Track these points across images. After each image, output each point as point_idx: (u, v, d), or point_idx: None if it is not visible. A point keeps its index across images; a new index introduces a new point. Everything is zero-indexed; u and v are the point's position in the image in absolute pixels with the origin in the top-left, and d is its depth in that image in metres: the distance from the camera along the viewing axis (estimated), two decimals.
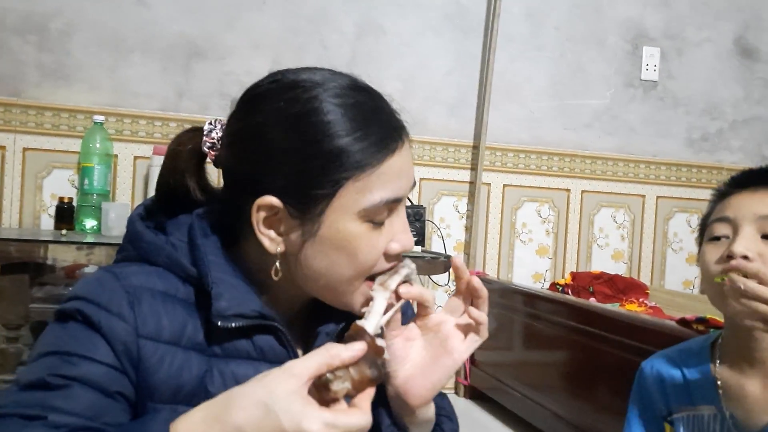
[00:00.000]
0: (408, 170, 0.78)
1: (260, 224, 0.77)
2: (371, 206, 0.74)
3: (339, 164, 0.73)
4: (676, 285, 3.29)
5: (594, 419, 2.06)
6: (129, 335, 0.72)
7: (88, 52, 2.61)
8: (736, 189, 1.01)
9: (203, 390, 0.74)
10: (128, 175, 2.66)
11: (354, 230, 0.75)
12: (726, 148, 3.33)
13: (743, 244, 0.94)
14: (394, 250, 0.78)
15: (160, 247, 0.78)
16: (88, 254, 2.19)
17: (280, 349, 0.78)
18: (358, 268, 0.76)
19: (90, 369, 0.70)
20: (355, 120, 0.74)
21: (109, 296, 0.73)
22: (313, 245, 0.76)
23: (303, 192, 0.74)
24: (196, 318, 0.76)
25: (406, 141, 0.78)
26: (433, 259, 2.36)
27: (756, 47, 3.33)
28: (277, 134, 0.75)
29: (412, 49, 2.93)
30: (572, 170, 3.15)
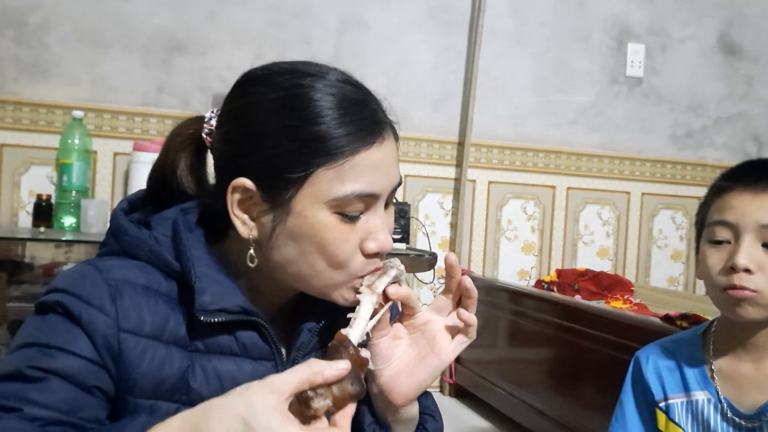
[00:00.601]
0: (388, 168, 0.76)
1: (234, 206, 0.76)
2: (341, 197, 0.73)
3: (312, 150, 0.72)
4: (661, 282, 3.29)
5: (579, 416, 2.05)
6: (110, 328, 0.71)
7: (66, 46, 2.57)
8: (736, 185, 1.00)
9: (185, 385, 0.74)
10: (108, 171, 2.62)
11: (322, 219, 0.73)
12: (710, 145, 3.34)
13: (745, 256, 0.96)
14: (370, 249, 0.76)
15: (143, 241, 0.78)
16: (67, 252, 2.16)
17: (263, 345, 0.78)
18: (329, 261, 0.75)
19: (68, 362, 0.70)
20: (335, 109, 0.73)
21: (91, 289, 0.72)
22: (283, 232, 0.75)
23: (275, 175, 0.74)
24: (178, 313, 0.76)
25: (388, 139, 0.76)
26: (417, 257, 2.34)
27: (739, 44, 3.34)
28: (258, 116, 0.75)
29: (396, 44, 2.91)
30: (557, 167, 3.15)
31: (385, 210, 0.78)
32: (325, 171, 0.72)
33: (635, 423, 1.09)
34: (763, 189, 0.97)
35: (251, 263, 0.77)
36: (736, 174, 1.03)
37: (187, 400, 0.74)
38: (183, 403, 0.74)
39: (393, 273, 0.78)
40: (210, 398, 0.73)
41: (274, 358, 0.78)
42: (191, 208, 0.83)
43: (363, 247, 0.75)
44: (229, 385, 0.74)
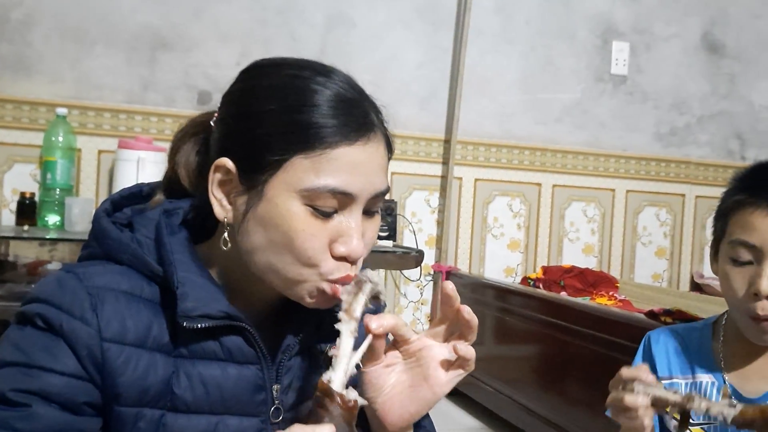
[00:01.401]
0: (369, 171, 0.74)
1: (214, 185, 0.76)
2: (313, 188, 0.72)
3: (292, 136, 0.72)
4: (646, 278, 3.32)
5: (564, 411, 2.07)
6: (92, 339, 0.70)
7: (49, 43, 2.54)
8: (760, 203, 0.98)
9: (169, 392, 0.73)
10: (92, 169, 2.60)
11: (291, 209, 0.72)
12: (694, 143, 3.37)
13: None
14: (338, 252, 0.74)
15: (125, 245, 0.76)
16: (51, 250, 2.14)
17: (248, 350, 0.76)
18: (296, 254, 0.73)
19: (52, 382, 0.69)
20: (325, 101, 0.73)
21: (71, 299, 0.71)
22: (254, 217, 0.74)
23: (254, 158, 0.74)
24: (161, 318, 0.74)
25: (375, 143, 0.75)
26: (404, 254, 2.35)
27: (722, 43, 3.37)
28: (250, 99, 0.76)
29: (383, 42, 2.91)
30: (543, 164, 3.16)
31: (368, 218, 0.77)
32: (302, 159, 0.72)
33: None
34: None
35: (224, 246, 0.76)
36: (758, 187, 1.01)
37: (172, 407, 0.73)
38: (168, 410, 0.73)
39: (368, 288, 0.74)
40: (194, 403, 0.74)
41: (260, 362, 0.77)
42: (175, 209, 0.81)
43: (332, 249, 0.74)
44: (213, 390, 0.74)
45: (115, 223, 0.79)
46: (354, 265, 0.76)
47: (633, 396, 0.91)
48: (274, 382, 0.79)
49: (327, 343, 0.84)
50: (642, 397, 0.90)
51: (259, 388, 0.77)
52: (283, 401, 0.79)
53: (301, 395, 0.81)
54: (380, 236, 2.48)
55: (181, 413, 0.74)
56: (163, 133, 2.65)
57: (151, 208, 0.81)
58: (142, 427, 0.72)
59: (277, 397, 0.79)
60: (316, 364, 0.83)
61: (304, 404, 0.82)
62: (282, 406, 0.79)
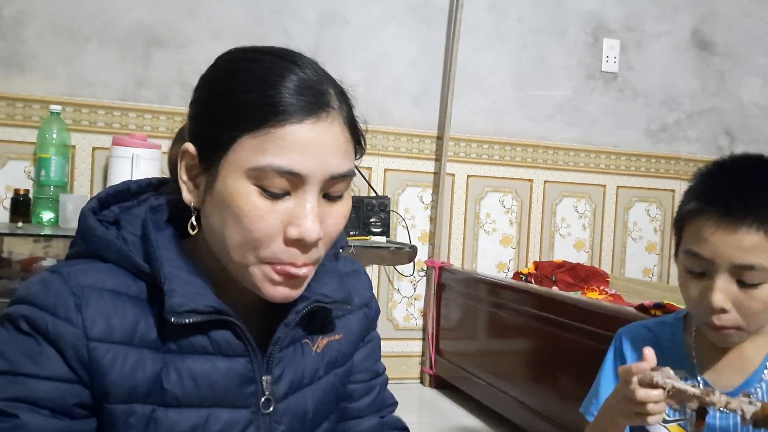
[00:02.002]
0: (321, 151, 0.72)
1: (182, 170, 0.77)
2: (258, 167, 0.71)
3: (240, 116, 0.72)
4: (636, 273, 3.35)
5: (557, 405, 2.09)
6: (78, 339, 0.70)
7: (42, 40, 2.54)
8: (710, 214, 0.97)
9: (159, 388, 0.73)
10: (87, 166, 2.60)
11: (240, 189, 0.72)
12: (684, 139, 3.40)
13: (720, 297, 0.96)
14: (290, 234, 0.72)
15: (111, 243, 0.76)
16: (46, 247, 2.14)
17: (237, 343, 0.77)
18: (244, 235, 0.72)
19: (39, 388, 0.69)
20: (273, 81, 0.73)
21: (55, 299, 0.71)
22: (211, 199, 0.75)
23: (209, 140, 0.74)
24: (148, 315, 0.74)
25: (328, 122, 0.73)
26: (398, 249, 2.36)
27: (712, 40, 3.40)
28: (208, 83, 0.77)
29: (376, 39, 2.93)
30: (535, 161, 3.18)
31: (329, 203, 0.76)
32: (249, 139, 0.71)
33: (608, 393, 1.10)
34: (737, 225, 0.95)
35: (192, 231, 0.77)
36: (710, 197, 0.99)
37: (162, 402, 0.74)
38: (158, 405, 0.74)
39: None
40: (185, 397, 0.74)
41: (249, 355, 0.78)
42: (161, 205, 0.82)
43: (285, 232, 0.73)
44: (203, 383, 0.75)
45: (102, 221, 0.79)
46: (308, 254, 0.74)
47: (645, 391, 0.90)
48: (264, 373, 0.79)
49: (317, 336, 0.86)
50: (656, 392, 0.90)
51: (249, 380, 0.78)
52: (274, 392, 0.80)
53: (292, 386, 0.82)
54: (373, 232, 2.50)
55: (171, 408, 0.74)
56: (157, 131, 2.65)
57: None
58: (133, 423, 0.73)
59: (268, 389, 0.79)
60: (306, 356, 0.84)
61: (295, 395, 0.82)
62: (273, 397, 0.80)
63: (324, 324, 0.87)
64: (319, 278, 0.83)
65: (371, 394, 0.96)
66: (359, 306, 0.93)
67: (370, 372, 0.96)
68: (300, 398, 0.83)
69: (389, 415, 0.99)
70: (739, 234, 0.94)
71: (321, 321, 0.87)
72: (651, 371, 0.91)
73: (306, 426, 0.84)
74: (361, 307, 0.93)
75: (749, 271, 0.95)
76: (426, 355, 3.00)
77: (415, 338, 3.04)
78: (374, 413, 0.96)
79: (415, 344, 3.04)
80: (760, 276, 0.95)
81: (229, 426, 0.77)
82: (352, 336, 0.91)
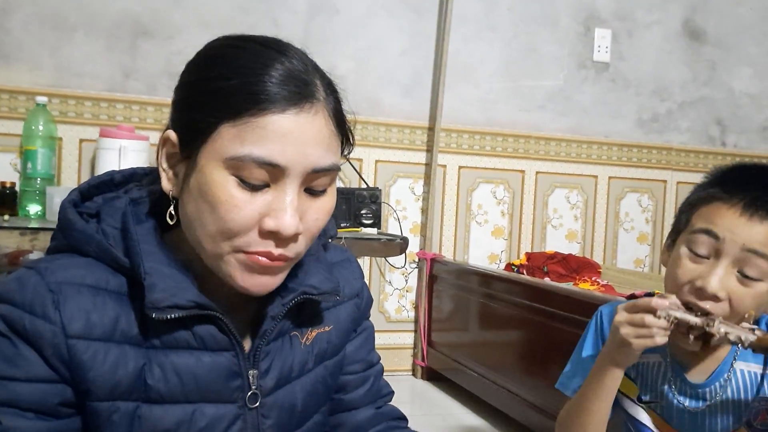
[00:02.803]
0: (302, 143, 0.70)
1: (162, 158, 0.76)
2: (237, 157, 0.69)
3: (219, 103, 0.70)
4: (628, 263, 3.36)
5: (549, 396, 2.09)
6: (57, 337, 0.69)
7: (28, 30, 2.51)
8: (733, 201, 0.97)
9: (142, 384, 0.72)
10: (74, 158, 2.57)
11: (217, 178, 0.70)
12: (675, 129, 3.40)
13: (718, 282, 0.95)
14: (266, 226, 0.71)
15: (90, 237, 0.75)
16: (32, 240, 2.11)
17: (221, 337, 0.75)
18: (219, 224, 0.70)
19: (20, 391, 0.68)
20: (256, 69, 0.71)
21: (32, 297, 0.69)
22: (188, 187, 0.73)
23: (189, 128, 0.73)
24: (129, 310, 0.73)
25: (311, 114, 0.71)
26: (389, 241, 2.35)
27: (703, 29, 3.40)
28: (189, 70, 0.76)
29: (366, 29, 2.90)
30: (526, 151, 3.17)
31: (311, 197, 0.74)
32: (229, 128, 0.70)
33: (587, 371, 1.11)
34: (760, 217, 0.95)
35: (170, 220, 0.76)
36: (733, 185, 0.99)
37: (146, 398, 0.73)
38: (142, 401, 0.73)
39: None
40: (169, 393, 0.73)
41: (234, 349, 0.76)
42: (142, 197, 0.80)
43: (261, 223, 0.71)
44: (188, 378, 0.74)
45: (82, 213, 0.78)
46: (284, 247, 0.72)
47: (652, 318, 0.94)
48: (251, 367, 0.78)
49: (306, 328, 0.84)
50: (662, 321, 0.94)
51: (235, 374, 0.77)
52: (261, 386, 0.79)
53: (280, 380, 0.81)
54: (364, 223, 2.48)
55: (155, 404, 0.73)
56: (145, 122, 2.62)
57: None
58: (116, 420, 0.71)
59: (254, 383, 0.78)
60: (295, 348, 0.83)
61: (284, 388, 0.81)
62: (260, 391, 0.79)
63: (313, 316, 0.86)
64: (307, 269, 0.82)
65: (366, 385, 0.95)
66: (350, 296, 0.92)
67: (364, 362, 0.94)
68: (288, 392, 0.82)
69: (386, 405, 0.97)
70: (760, 226, 0.95)
71: (309, 313, 0.85)
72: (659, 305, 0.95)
73: (295, 419, 0.83)
74: (351, 297, 0.92)
75: (757, 259, 0.94)
76: (418, 347, 2.99)
77: (407, 330, 3.03)
78: (370, 404, 0.95)
79: (407, 336, 3.03)
80: (762, 267, 0.95)
81: (216, 421, 0.76)
82: (342, 327, 0.90)
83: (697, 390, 1.06)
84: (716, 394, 1.05)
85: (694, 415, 1.06)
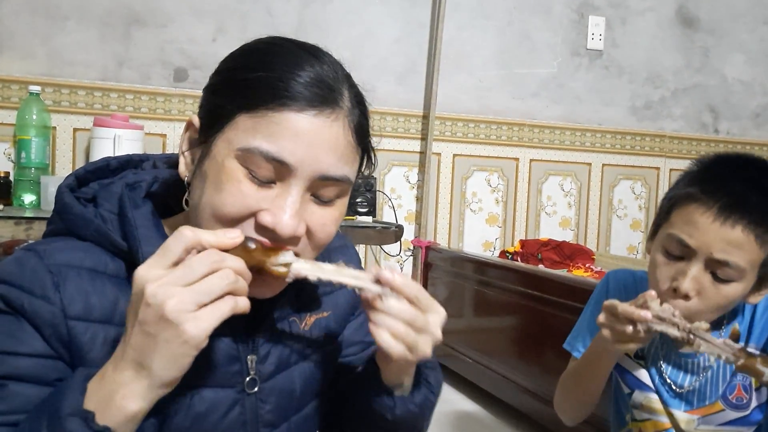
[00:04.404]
0: (315, 145, 0.70)
1: (185, 142, 0.77)
2: (247, 148, 0.69)
3: (242, 93, 0.71)
4: (621, 250, 3.38)
5: (543, 381, 2.11)
6: (56, 317, 0.69)
7: (20, 18, 2.49)
8: (709, 204, 0.98)
9: None
10: (68, 147, 2.57)
11: (227, 165, 0.70)
12: (668, 116, 3.41)
13: (689, 283, 0.98)
14: (262, 220, 0.70)
15: (89, 220, 0.75)
16: (27, 229, 2.11)
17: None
18: (217, 210, 0.71)
19: (20, 365, 0.68)
20: (283, 66, 0.72)
21: (32, 278, 0.70)
22: (199, 173, 0.74)
23: (210, 114, 0.74)
24: (128, 293, 0.72)
25: (330, 119, 0.71)
26: (384, 229, 2.36)
27: (696, 16, 3.40)
28: (228, 58, 0.77)
29: (360, 17, 2.89)
30: (520, 139, 3.18)
31: (319, 204, 0.73)
32: (246, 118, 0.70)
33: (592, 331, 1.17)
34: (732, 221, 0.96)
35: (186, 207, 0.77)
36: (713, 186, 0.99)
37: None
38: None
39: None
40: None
41: (233, 334, 0.77)
42: (138, 182, 0.81)
43: (257, 216, 0.71)
44: None
45: (79, 198, 0.78)
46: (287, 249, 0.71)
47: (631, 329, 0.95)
48: (249, 352, 0.79)
49: (305, 313, 0.85)
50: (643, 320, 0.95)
51: (233, 359, 0.77)
52: (260, 371, 0.79)
53: (279, 365, 0.81)
54: (360, 212, 2.49)
55: None
56: (139, 111, 2.62)
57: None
58: None
59: (253, 368, 0.79)
60: (294, 334, 0.83)
61: (282, 373, 0.82)
62: (258, 376, 0.79)
63: (311, 301, 0.87)
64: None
65: None
66: None
67: (362, 344, 0.95)
68: (287, 377, 0.83)
69: None
70: (731, 230, 0.96)
71: (308, 298, 0.86)
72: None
73: (293, 404, 0.84)
74: None
75: (724, 267, 0.97)
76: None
77: None
78: None
79: None
80: (732, 274, 0.98)
81: (214, 405, 0.77)
82: (340, 312, 0.91)
83: (685, 360, 1.11)
84: (702, 368, 1.09)
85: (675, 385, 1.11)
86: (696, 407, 1.09)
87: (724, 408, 1.08)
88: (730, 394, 1.08)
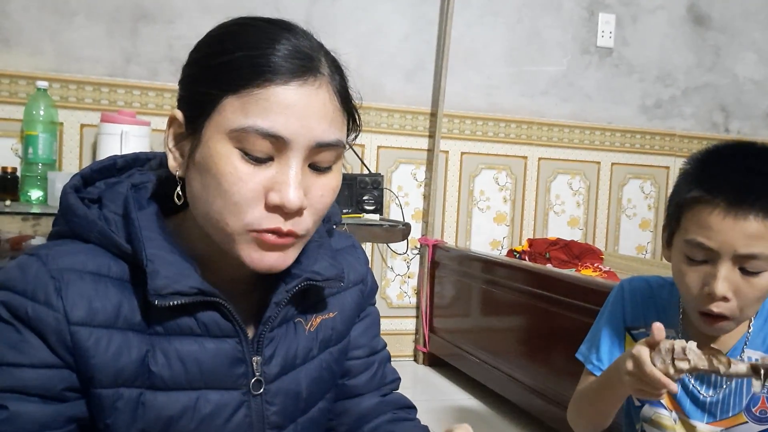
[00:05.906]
0: (306, 115, 0.70)
1: (170, 139, 0.76)
2: (240, 129, 0.69)
3: (225, 76, 0.70)
4: (630, 250, 3.35)
5: (550, 382, 2.10)
6: (60, 324, 0.68)
7: (28, 14, 2.49)
8: (717, 201, 0.96)
9: (146, 370, 0.72)
10: (75, 143, 2.57)
11: (221, 150, 0.70)
12: (678, 115, 3.38)
13: (724, 284, 0.96)
14: (270, 200, 0.70)
15: (92, 222, 0.74)
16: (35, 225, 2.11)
17: (225, 324, 0.75)
18: (224, 200, 0.70)
19: (25, 377, 0.68)
20: (260, 42, 0.71)
21: (34, 284, 0.69)
22: (194, 163, 0.73)
23: (194, 103, 0.73)
24: (132, 297, 0.72)
25: (315, 87, 0.71)
26: (391, 227, 2.35)
27: (708, 14, 3.37)
28: (199, 45, 0.76)
29: (368, 13, 2.88)
30: (529, 137, 3.16)
31: (316, 173, 0.74)
32: (233, 100, 0.70)
33: (606, 342, 1.15)
34: (744, 214, 0.94)
35: (178, 201, 0.76)
36: (715, 185, 0.97)
37: (150, 385, 0.72)
38: (146, 388, 0.72)
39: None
40: (173, 380, 0.73)
41: (238, 335, 0.76)
42: (144, 183, 0.80)
43: (266, 198, 0.70)
44: (191, 365, 0.73)
45: (84, 199, 0.77)
46: (291, 221, 0.72)
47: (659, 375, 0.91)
48: (254, 354, 0.78)
49: (311, 314, 0.84)
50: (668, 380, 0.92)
51: (239, 361, 0.77)
52: (265, 373, 0.79)
53: (284, 366, 0.81)
54: (366, 209, 2.48)
55: (159, 391, 0.73)
56: (147, 107, 2.61)
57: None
58: (120, 407, 0.71)
59: (258, 369, 0.78)
60: (299, 335, 0.82)
61: (288, 375, 0.81)
62: (263, 377, 0.78)
63: (317, 302, 0.86)
64: (311, 255, 0.82)
65: (369, 371, 0.94)
66: (354, 282, 0.91)
67: (367, 348, 0.94)
68: (293, 378, 0.82)
69: (392, 393, 0.97)
70: (746, 223, 0.95)
71: (314, 299, 0.85)
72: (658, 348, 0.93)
73: (300, 406, 0.83)
74: (356, 283, 0.92)
75: (752, 260, 0.96)
76: (420, 333, 3.00)
77: (409, 316, 3.04)
78: (374, 391, 0.95)
79: (409, 322, 3.04)
80: (761, 264, 0.96)
81: (220, 408, 0.76)
82: (347, 313, 0.90)
83: None
84: (725, 379, 1.07)
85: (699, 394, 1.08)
86: (719, 419, 1.07)
87: (747, 420, 1.06)
88: (754, 406, 1.06)
